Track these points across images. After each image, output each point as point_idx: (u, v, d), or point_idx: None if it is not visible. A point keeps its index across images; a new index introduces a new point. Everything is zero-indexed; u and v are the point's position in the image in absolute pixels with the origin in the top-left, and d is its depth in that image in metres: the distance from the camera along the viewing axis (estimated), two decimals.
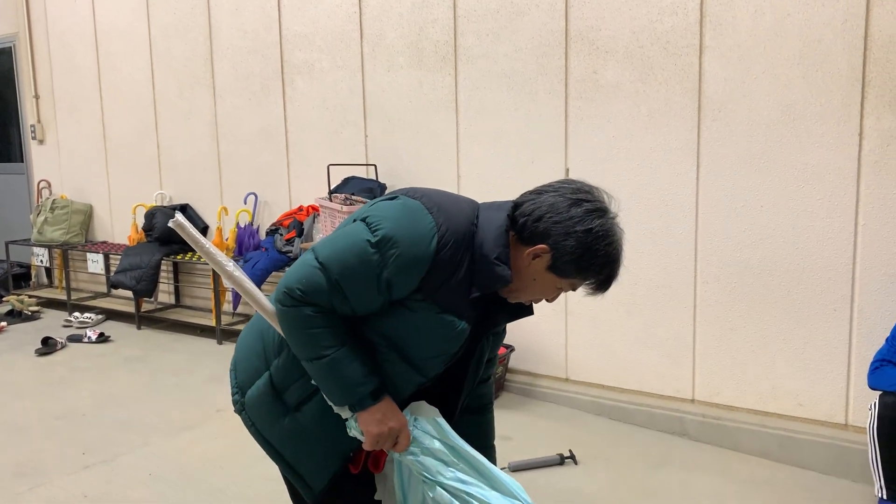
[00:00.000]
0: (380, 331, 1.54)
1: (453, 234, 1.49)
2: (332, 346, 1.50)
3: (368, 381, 1.52)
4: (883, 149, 3.15)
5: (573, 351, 4.08)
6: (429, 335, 1.53)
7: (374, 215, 1.50)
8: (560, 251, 1.50)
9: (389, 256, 1.45)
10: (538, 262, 1.52)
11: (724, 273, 3.55)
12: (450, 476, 1.54)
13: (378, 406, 1.53)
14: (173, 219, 1.55)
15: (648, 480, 3.23)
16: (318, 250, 1.51)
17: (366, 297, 1.49)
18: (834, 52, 3.20)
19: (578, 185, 1.55)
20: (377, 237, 1.46)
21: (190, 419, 3.86)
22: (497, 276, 1.51)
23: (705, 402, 3.68)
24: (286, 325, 1.53)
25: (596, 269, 1.53)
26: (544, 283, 1.55)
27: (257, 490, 3.03)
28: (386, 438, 1.54)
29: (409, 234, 1.46)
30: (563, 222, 1.49)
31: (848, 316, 3.29)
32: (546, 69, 3.95)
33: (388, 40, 4.48)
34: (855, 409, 3.30)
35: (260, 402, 1.66)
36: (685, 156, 3.59)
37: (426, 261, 1.46)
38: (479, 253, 1.51)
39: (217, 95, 5.42)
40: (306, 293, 1.48)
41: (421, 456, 1.56)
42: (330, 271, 1.47)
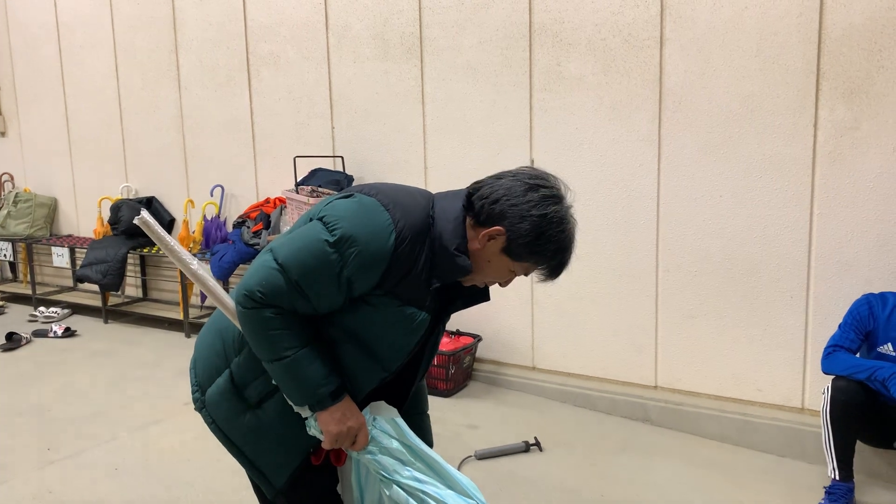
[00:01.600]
0: (343, 327, 1.56)
1: (410, 228, 1.52)
2: (292, 348, 1.52)
3: (328, 381, 1.54)
4: (837, 139, 3.23)
5: (539, 340, 4.13)
6: (391, 328, 1.55)
7: (331, 215, 1.51)
8: (515, 233, 1.52)
9: (349, 255, 1.47)
10: (493, 245, 1.55)
11: (685, 262, 3.62)
12: (406, 475, 1.58)
13: (337, 406, 1.55)
14: (139, 216, 1.55)
15: (611, 466, 3.30)
16: (277, 251, 1.52)
17: (327, 296, 1.51)
18: (790, 44, 3.27)
19: (537, 172, 1.59)
20: (335, 237, 1.48)
21: (157, 413, 3.85)
22: (457, 267, 1.54)
23: (667, 388, 3.76)
24: (247, 327, 1.54)
25: (549, 254, 1.56)
26: (498, 266, 1.58)
27: (224, 483, 3.03)
28: (345, 437, 1.57)
29: (367, 232, 1.48)
30: (520, 205, 1.52)
31: (804, 303, 3.38)
32: (511, 61, 3.98)
33: (354, 31, 4.48)
34: (811, 393, 3.40)
35: (220, 400, 1.68)
36: (646, 147, 3.65)
37: (385, 257, 1.48)
38: (438, 244, 1.54)
39: (182, 87, 5.38)
40: (266, 295, 1.49)
41: (379, 455, 1.59)
42: (289, 272, 1.49)
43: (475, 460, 3.30)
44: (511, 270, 1.60)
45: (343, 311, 1.54)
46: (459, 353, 4.09)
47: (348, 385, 1.59)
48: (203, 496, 3.01)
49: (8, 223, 6.18)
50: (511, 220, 1.52)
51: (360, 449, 1.59)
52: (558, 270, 1.60)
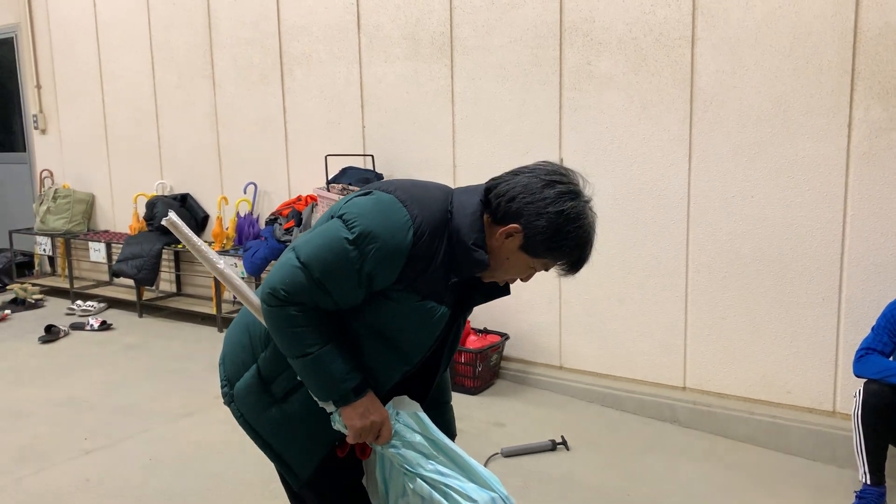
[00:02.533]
0: (364, 322, 1.59)
1: (428, 223, 1.54)
2: (315, 344, 1.55)
3: (351, 377, 1.57)
4: (871, 140, 3.19)
5: (567, 339, 4.13)
6: (412, 323, 1.58)
7: (350, 212, 1.54)
8: (532, 231, 1.53)
9: (368, 252, 1.50)
10: (511, 242, 1.56)
11: (715, 262, 3.60)
12: (430, 468, 1.60)
13: (361, 401, 1.58)
14: (166, 217, 1.59)
15: (637, 466, 3.29)
16: (299, 249, 1.55)
17: (348, 291, 1.54)
18: (824, 44, 3.23)
19: (554, 168, 1.58)
20: (354, 234, 1.50)
21: (189, 405, 3.93)
22: (475, 261, 1.55)
23: (696, 389, 3.74)
24: (271, 324, 1.58)
25: (567, 250, 1.56)
26: (517, 263, 1.59)
27: (253, 474, 3.09)
28: (368, 432, 1.60)
29: (386, 229, 1.50)
30: (536, 203, 1.52)
31: (836, 305, 3.34)
32: (540, 60, 3.99)
33: (385, 31, 4.52)
34: (842, 396, 3.36)
35: (248, 394, 1.71)
36: (677, 146, 3.63)
37: (404, 253, 1.51)
38: (456, 239, 1.56)
39: (217, 86, 5.46)
40: (290, 293, 1.53)
41: (402, 449, 1.62)
42: (311, 270, 1.52)
43: (501, 458, 3.32)
44: (531, 267, 1.60)
45: (364, 305, 1.57)
46: (486, 350, 4.11)
47: (371, 379, 1.61)
48: (233, 487, 3.07)
49: (47, 218, 6.34)
50: (528, 217, 1.53)
51: (384, 443, 1.61)
52: (578, 266, 1.60)
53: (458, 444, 1.73)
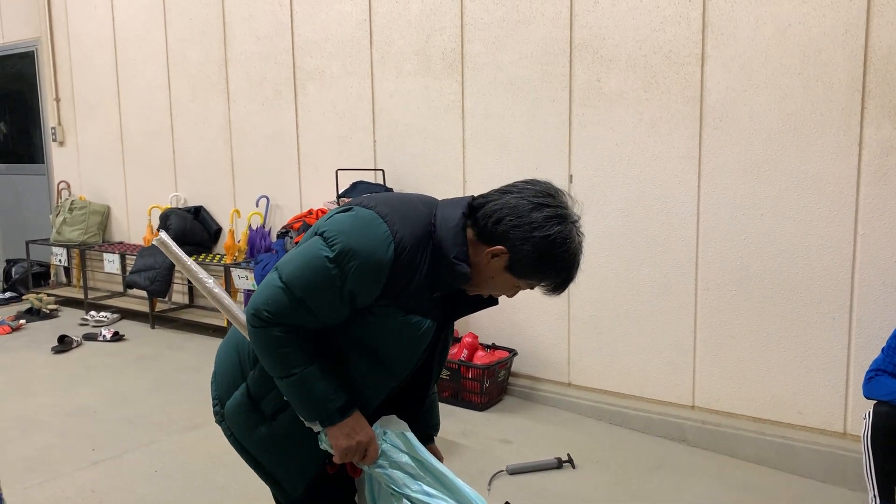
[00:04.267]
0: (350, 338, 1.59)
1: (410, 237, 1.53)
2: (300, 365, 1.55)
3: (336, 397, 1.57)
4: (882, 159, 3.16)
5: (575, 356, 4.11)
6: (397, 337, 1.57)
7: (330, 229, 1.54)
8: (517, 254, 1.53)
9: (349, 269, 1.49)
10: (496, 262, 1.56)
11: (725, 280, 3.58)
12: (416, 489, 1.60)
13: (346, 421, 1.58)
14: (157, 238, 1.62)
15: (644, 485, 3.26)
16: (281, 269, 1.56)
17: (331, 309, 1.53)
18: (834, 62, 3.21)
19: (542, 188, 1.57)
20: (334, 252, 1.50)
21: (197, 418, 3.94)
22: (458, 275, 1.55)
23: (705, 408, 3.70)
24: (256, 345, 1.59)
25: (553, 273, 1.56)
26: (502, 282, 1.60)
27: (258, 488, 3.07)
28: (354, 452, 1.59)
29: (366, 245, 1.50)
30: (523, 227, 1.52)
31: (847, 325, 3.30)
32: (550, 77, 4.00)
33: (397, 47, 4.55)
34: (853, 417, 3.31)
35: (238, 412, 1.72)
36: (687, 164, 3.62)
37: (385, 268, 1.50)
38: (439, 252, 1.55)
39: (231, 100, 5.52)
40: (273, 314, 1.53)
41: (389, 469, 1.61)
42: (293, 290, 1.52)
43: (507, 475, 3.30)
44: (515, 286, 1.61)
45: (349, 322, 1.57)
46: (494, 367, 4.10)
47: (358, 396, 1.61)
48: (238, 500, 3.08)
49: (63, 229, 6.42)
50: (513, 241, 1.52)
51: (371, 463, 1.61)
52: (563, 287, 1.60)
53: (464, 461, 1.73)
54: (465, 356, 4.15)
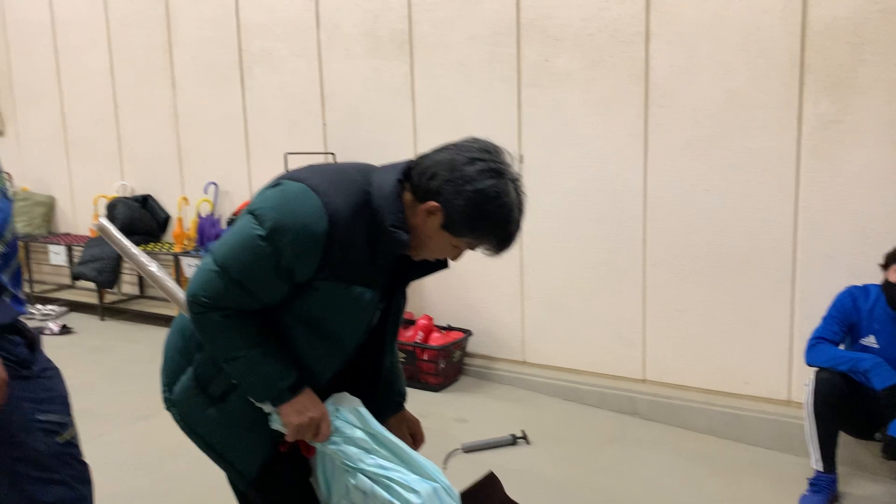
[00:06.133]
0: (294, 314, 1.57)
1: (345, 207, 1.50)
2: (245, 347, 1.53)
3: (286, 375, 1.55)
4: (821, 133, 3.24)
5: (530, 334, 4.15)
6: (341, 310, 1.56)
7: (260, 207, 1.51)
8: (451, 210, 1.50)
9: (282, 246, 1.46)
10: (432, 220, 1.53)
11: (672, 256, 3.64)
12: (371, 463, 1.59)
13: (298, 398, 1.57)
14: (97, 222, 1.59)
15: (598, 459, 3.32)
16: (215, 252, 1.53)
17: (269, 288, 1.51)
18: (774, 38, 3.28)
19: (481, 145, 1.54)
20: (266, 229, 1.47)
21: (149, 408, 3.86)
22: (396, 243, 1.52)
23: (656, 381, 3.77)
24: (199, 331, 1.57)
25: (488, 229, 1.52)
26: (440, 242, 1.56)
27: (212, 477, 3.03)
28: (307, 429, 1.58)
29: (297, 219, 1.47)
30: (455, 181, 1.49)
31: (790, 296, 3.39)
32: (499, 57, 4.00)
33: (345, 29, 4.50)
34: (797, 385, 3.41)
35: (186, 397, 1.69)
36: (634, 141, 3.66)
37: (320, 241, 1.47)
38: (376, 221, 1.52)
39: (176, 85, 5.41)
40: (211, 298, 1.51)
41: (343, 445, 1.60)
42: (229, 272, 1.49)
43: (462, 454, 3.33)
44: (454, 245, 1.57)
45: (292, 298, 1.55)
46: (449, 347, 4.11)
47: (308, 372, 1.60)
48: (193, 488, 3.04)
49: None
50: (446, 195, 1.49)
51: (324, 440, 1.60)
52: (502, 245, 1.57)
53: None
54: (421, 338, 4.16)
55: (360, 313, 1.59)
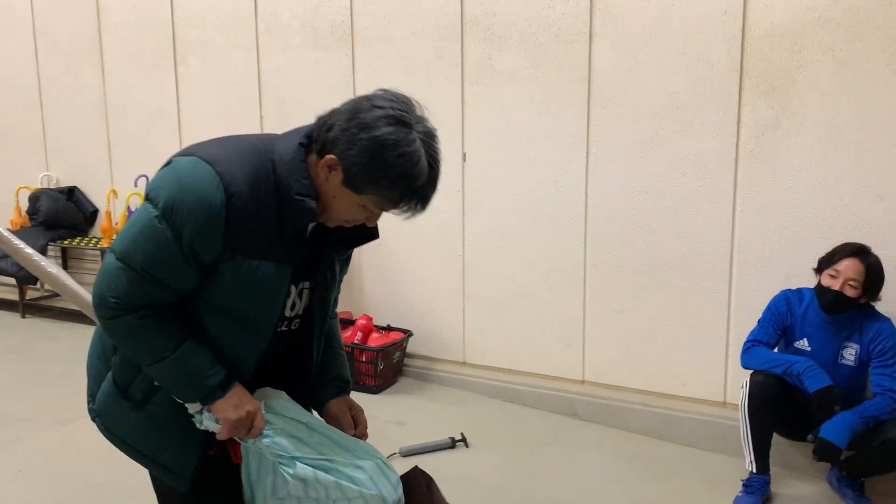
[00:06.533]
0: (205, 302, 1.47)
1: (243, 177, 1.40)
2: (168, 348, 1.44)
3: (215, 372, 1.47)
4: (759, 137, 3.28)
5: (470, 335, 4.11)
6: (253, 289, 1.45)
7: (151, 188, 1.41)
8: (348, 162, 1.38)
9: (180, 223, 1.36)
10: (334, 177, 1.42)
11: (612, 257, 3.64)
12: (307, 450, 1.54)
13: (231, 393, 1.49)
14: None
15: (536, 461, 3.29)
16: (115, 247, 1.43)
17: (179, 274, 1.41)
18: (715, 42, 3.30)
19: (385, 94, 1.43)
20: (160, 210, 1.37)
21: (69, 412, 3.67)
22: (304, 211, 1.43)
23: (594, 382, 3.77)
24: (115, 338, 1.47)
25: (388, 183, 1.39)
26: (345, 202, 1.45)
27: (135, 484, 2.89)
28: (243, 423, 1.50)
29: (190, 193, 1.36)
30: (350, 129, 1.37)
31: (726, 298, 3.43)
32: (443, 53, 3.93)
33: (284, 19, 4.37)
34: (732, 387, 3.45)
35: (108, 405, 1.59)
36: (576, 142, 3.65)
37: (219, 213, 1.37)
38: (282, 191, 1.43)
39: (106, 73, 5.17)
40: (120, 297, 1.40)
41: (276, 437, 1.54)
42: (133, 264, 1.40)
43: (400, 457, 3.26)
44: (362, 205, 1.45)
45: (202, 286, 1.45)
46: (389, 348, 4.03)
47: (230, 364, 1.50)
48: (114, 497, 2.89)
49: None
50: (342, 146, 1.38)
51: (257, 434, 1.52)
52: (408, 202, 1.43)
53: None
54: (359, 339, 4.07)
55: (272, 291, 1.48)
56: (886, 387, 2.81)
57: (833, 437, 2.72)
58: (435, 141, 1.44)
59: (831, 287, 2.85)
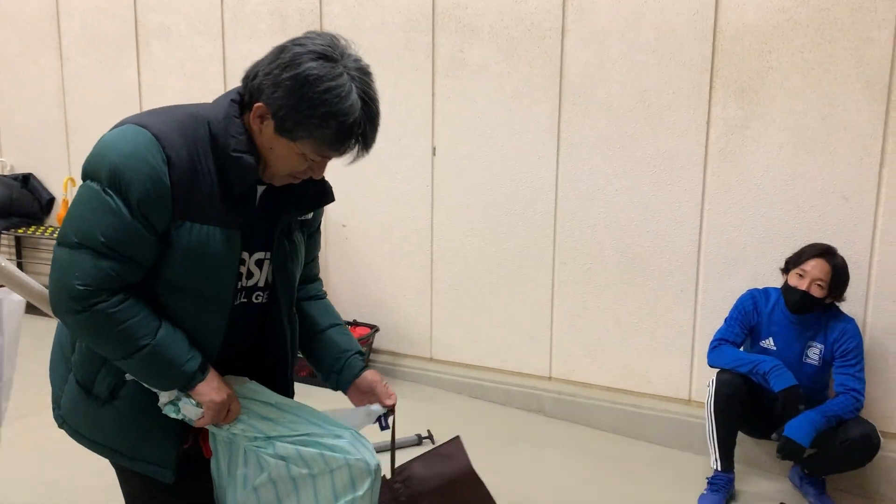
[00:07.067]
0: (164, 281, 1.42)
1: (180, 139, 1.36)
2: (147, 335, 1.38)
3: (192, 355, 1.43)
4: (728, 137, 3.29)
5: (437, 330, 4.07)
6: (205, 257, 1.40)
7: (90, 165, 1.37)
8: (275, 106, 1.34)
9: (126, 191, 1.32)
10: (266, 127, 1.38)
11: (581, 255, 3.63)
12: (283, 429, 1.51)
13: (211, 376, 1.45)
14: None
15: (502, 458, 3.28)
16: (67, 234, 1.37)
17: (140, 243, 1.36)
18: (686, 41, 3.30)
19: (310, 33, 1.39)
20: (103, 181, 1.33)
21: (23, 407, 3.53)
22: (243, 168, 1.39)
23: (561, 379, 3.77)
24: (89, 334, 1.40)
25: (317, 122, 1.33)
26: (283, 152, 1.40)
27: (93, 482, 2.82)
28: (226, 406, 1.46)
29: (131, 159, 1.32)
30: (273, 72, 1.34)
31: (693, 297, 3.44)
32: (414, 45, 3.88)
33: (250, 6, 4.27)
34: (697, 385, 3.47)
35: (74, 407, 1.53)
36: (547, 138, 3.63)
37: (161, 177, 1.33)
38: (220, 152, 1.40)
39: (64, 57, 5.01)
40: (88, 283, 1.34)
41: (250, 420, 1.51)
42: (93, 243, 1.34)
43: None
44: (301, 154, 1.40)
45: (158, 262, 1.40)
46: None
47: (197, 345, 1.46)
48: (70, 496, 2.80)
49: None
50: (268, 91, 1.34)
51: (234, 418, 1.49)
52: (346, 142, 1.38)
53: None
54: None
55: (222, 259, 1.42)
56: (849, 386, 2.85)
57: (797, 436, 2.74)
58: (369, 77, 1.39)
59: (798, 287, 2.88)
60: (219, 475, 1.54)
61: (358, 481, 1.55)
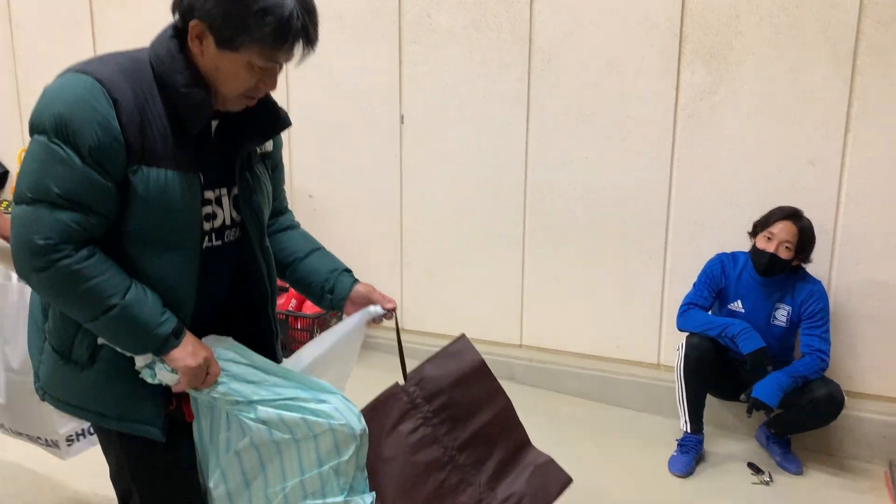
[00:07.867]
0: (127, 234, 1.38)
1: (124, 82, 1.33)
2: (116, 293, 1.34)
3: (166, 317, 1.39)
4: (696, 102, 3.30)
5: (409, 302, 4.05)
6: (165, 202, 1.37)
7: (35, 118, 1.33)
8: (209, 18, 1.32)
9: (74, 139, 1.29)
10: (207, 46, 1.35)
11: (551, 222, 3.63)
12: (266, 393, 1.48)
13: (185, 340, 1.41)
14: None
15: None
16: (22, 190, 1.32)
17: (98, 192, 1.32)
18: (655, 6, 3.28)
19: None
20: (50, 131, 1.29)
21: None
22: (196, 102, 1.36)
23: (532, 346, 3.79)
24: (55, 294, 1.35)
25: (255, 22, 1.31)
26: (230, 67, 1.37)
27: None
28: (202, 370, 1.42)
29: (75, 106, 1.29)
30: None
31: (662, 263, 3.47)
32: (379, 10, 3.80)
33: None
34: (666, 350, 3.51)
35: (54, 376, 1.49)
36: (516, 106, 3.59)
37: (109, 120, 1.30)
38: (168, 91, 1.36)
39: (14, 25, 4.81)
40: (49, 235, 1.29)
41: (231, 384, 1.47)
42: (49, 196, 1.29)
43: None
44: (248, 64, 1.37)
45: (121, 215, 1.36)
46: (325, 316, 3.94)
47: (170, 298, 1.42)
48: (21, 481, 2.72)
49: None
50: (199, 6, 1.32)
51: (213, 381, 1.45)
52: (288, 39, 1.35)
53: None
54: (294, 306, 3.96)
55: (183, 202, 1.39)
56: (815, 347, 2.90)
57: (764, 397, 2.79)
58: None
59: (766, 249, 2.91)
60: (201, 439, 1.51)
61: (342, 446, 1.53)
